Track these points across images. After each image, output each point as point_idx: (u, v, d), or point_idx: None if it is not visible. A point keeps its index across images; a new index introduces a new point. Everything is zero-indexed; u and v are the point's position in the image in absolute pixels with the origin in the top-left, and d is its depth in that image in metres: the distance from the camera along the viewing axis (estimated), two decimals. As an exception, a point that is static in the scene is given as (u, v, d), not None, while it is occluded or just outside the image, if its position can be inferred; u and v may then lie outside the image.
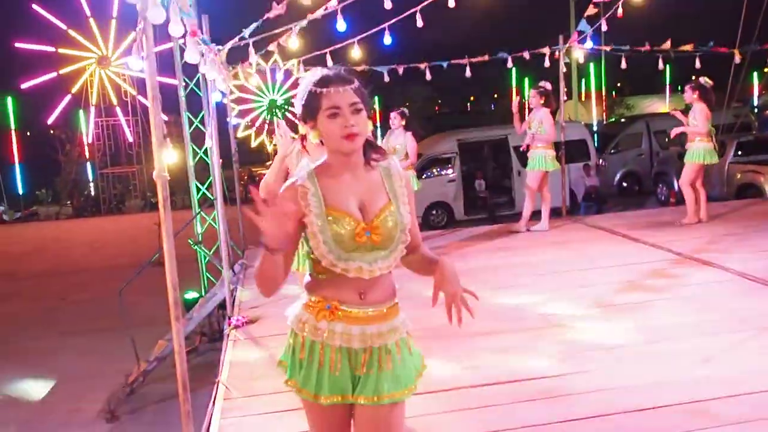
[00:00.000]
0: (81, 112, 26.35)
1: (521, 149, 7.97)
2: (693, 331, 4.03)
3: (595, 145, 16.08)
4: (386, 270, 1.87)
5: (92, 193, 26.93)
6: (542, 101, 7.30)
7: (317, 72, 1.86)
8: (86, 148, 26.71)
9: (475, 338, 1.86)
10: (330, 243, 1.81)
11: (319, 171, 1.87)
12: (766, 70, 10.74)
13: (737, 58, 8.85)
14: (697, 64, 8.74)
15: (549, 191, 7.66)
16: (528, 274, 5.73)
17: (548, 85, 7.47)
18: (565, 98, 9.87)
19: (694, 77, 7.40)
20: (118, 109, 26.31)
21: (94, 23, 25.26)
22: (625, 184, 16.68)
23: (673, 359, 3.65)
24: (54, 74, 25.40)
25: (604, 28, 7.98)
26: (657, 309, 4.52)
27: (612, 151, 16.81)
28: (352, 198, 1.85)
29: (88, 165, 27.07)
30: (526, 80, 39.54)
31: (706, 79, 7.10)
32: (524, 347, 4.00)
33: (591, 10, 7.85)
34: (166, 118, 18.89)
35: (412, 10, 6.58)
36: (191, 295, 8.43)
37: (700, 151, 7.03)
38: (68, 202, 25.96)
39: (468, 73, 8.70)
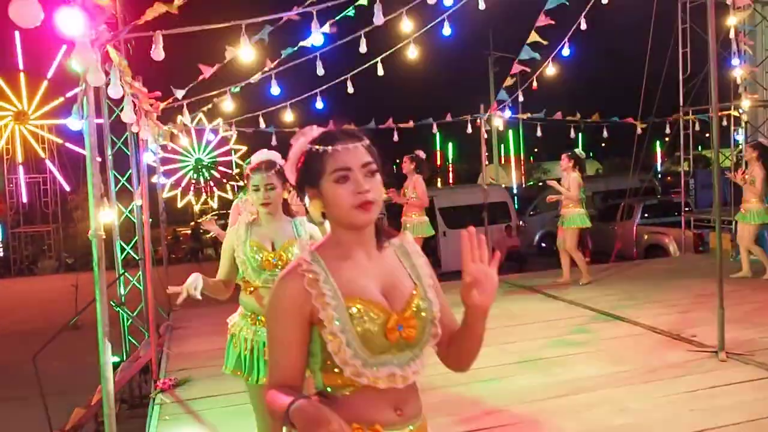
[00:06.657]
0: (-7, 170, 25.12)
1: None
2: (609, 383, 4.28)
3: (516, 207, 16.83)
4: (419, 374, 1.48)
5: (1, 254, 25.36)
6: (414, 167, 7.49)
7: (313, 129, 1.49)
8: (-6, 207, 25.33)
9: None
10: (355, 345, 1.39)
11: (322, 252, 1.47)
12: (667, 139, 11.76)
13: (639, 129, 9.72)
14: (605, 134, 9.54)
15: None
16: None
17: (421, 153, 7.68)
18: (487, 162, 10.41)
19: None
20: (48, 162, 25.30)
21: (2, 80, 24.51)
22: (544, 245, 17.45)
23: (592, 410, 3.86)
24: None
25: (521, 98, 8.60)
26: (575, 363, 4.77)
27: (531, 213, 17.65)
28: (372, 283, 1.46)
29: (-3, 223, 25.60)
30: (450, 145, 41.18)
31: (581, 151, 7.76)
32: (449, 402, 4.11)
33: (509, 81, 8.48)
34: (99, 159, 18.27)
35: (343, 78, 6.89)
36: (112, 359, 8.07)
37: (576, 216, 7.54)
38: (-27, 263, 24.36)
39: (395, 138, 9.10)
